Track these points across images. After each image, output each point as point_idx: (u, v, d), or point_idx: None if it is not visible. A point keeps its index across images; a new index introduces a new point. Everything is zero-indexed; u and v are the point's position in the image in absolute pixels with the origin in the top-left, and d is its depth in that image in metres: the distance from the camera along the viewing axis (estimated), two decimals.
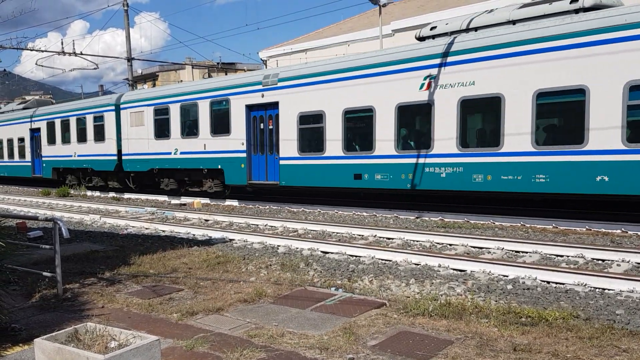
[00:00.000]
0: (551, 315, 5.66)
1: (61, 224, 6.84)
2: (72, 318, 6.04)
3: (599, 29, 11.17)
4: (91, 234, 12.83)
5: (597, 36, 11.18)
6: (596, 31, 11.21)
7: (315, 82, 16.40)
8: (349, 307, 6.25)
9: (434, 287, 7.15)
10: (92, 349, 3.98)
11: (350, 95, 15.51)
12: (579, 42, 11.45)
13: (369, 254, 9.36)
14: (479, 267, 8.11)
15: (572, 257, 8.78)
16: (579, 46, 11.44)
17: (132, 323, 5.86)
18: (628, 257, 8.45)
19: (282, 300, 6.67)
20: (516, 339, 5.07)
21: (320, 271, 8.32)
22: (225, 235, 12.02)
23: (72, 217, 16.60)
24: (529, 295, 6.71)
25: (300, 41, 34.02)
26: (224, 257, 9.29)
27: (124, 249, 10.42)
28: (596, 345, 4.85)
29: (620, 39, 10.92)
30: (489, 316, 5.75)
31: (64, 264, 7.87)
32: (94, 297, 6.99)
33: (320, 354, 4.84)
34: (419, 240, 10.67)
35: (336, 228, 12.36)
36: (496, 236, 10.77)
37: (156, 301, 6.75)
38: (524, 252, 9.30)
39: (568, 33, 11.58)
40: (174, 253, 9.79)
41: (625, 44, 10.86)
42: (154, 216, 16.36)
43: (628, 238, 10.41)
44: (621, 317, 5.70)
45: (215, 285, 7.48)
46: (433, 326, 5.52)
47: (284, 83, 17.16)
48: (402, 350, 4.90)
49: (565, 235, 10.94)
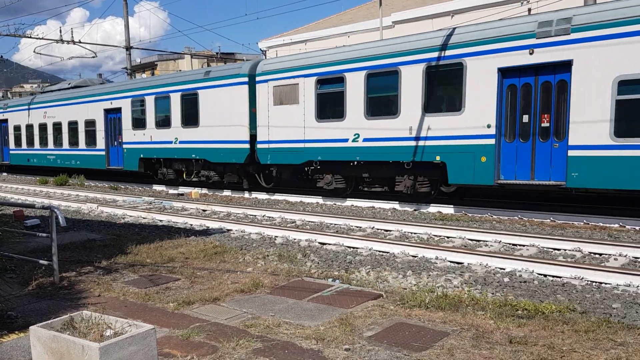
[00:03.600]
0: (547, 309, 5.66)
1: (58, 212, 6.82)
2: (68, 306, 6.03)
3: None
4: (88, 223, 12.81)
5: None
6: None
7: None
8: (346, 298, 6.24)
9: (430, 279, 7.15)
10: (87, 337, 3.97)
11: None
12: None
13: (366, 246, 9.36)
14: (476, 259, 8.11)
15: (569, 251, 8.78)
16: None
17: (128, 312, 5.85)
18: (625, 251, 8.46)
19: (279, 290, 6.67)
20: (512, 332, 5.07)
21: (318, 262, 8.31)
22: (222, 225, 12.01)
23: (69, 206, 16.58)
24: (526, 288, 6.71)
25: (300, 32, 33.86)
26: (221, 248, 9.28)
27: (121, 238, 10.40)
28: (592, 338, 4.85)
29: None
30: (486, 308, 5.75)
31: (61, 252, 7.87)
32: (90, 286, 6.98)
33: (317, 344, 4.84)
34: (417, 233, 10.67)
35: (334, 219, 12.36)
36: (494, 229, 10.77)
37: (153, 290, 6.74)
38: (522, 245, 9.31)
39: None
40: (171, 243, 9.78)
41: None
42: (151, 206, 16.33)
43: (626, 232, 10.42)
44: (617, 311, 5.71)
45: (212, 275, 7.47)
46: (429, 318, 5.52)
47: (583, 34, 11.35)
48: (398, 341, 4.90)
49: (562, 229, 10.94)
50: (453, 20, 22.27)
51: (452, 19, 22.85)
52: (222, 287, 6.79)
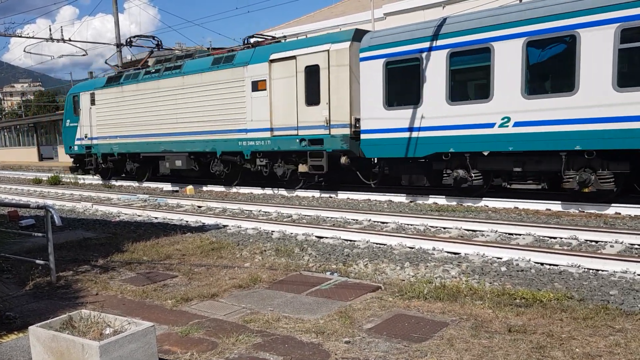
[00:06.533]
0: (545, 297, 5.68)
1: (53, 211, 6.78)
2: (66, 305, 6.01)
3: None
4: (83, 222, 12.76)
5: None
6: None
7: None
8: (345, 291, 6.25)
9: (428, 270, 7.16)
10: (87, 335, 3.95)
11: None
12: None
13: (363, 238, 9.37)
14: (473, 249, 8.13)
15: (565, 239, 8.82)
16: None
17: (127, 310, 5.84)
18: (621, 238, 8.49)
19: (277, 285, 6.66)
20: (511, 320, 5.09)
21: (315, 256, 8.31)
22: (218, 221, 11.99)
23: (64, 205, 16.51)
24: (523, 277, 6.74)
25: (292, 25, 33.73)
26: (217, 243, 9.26)
27: (116, 236, 10.37)
28: (590, 325, 4.88)
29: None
30: (484, 298, 5.76)
31: (57, 251, 7.83)
32: (87, 285, 6.96)
33: (317, 338, 4.84)
34: (413, 224, 10.68)
35: (330, 213, 12.35)
36: (490, 219, 10.80)
37: (150, 288, 6.72)
38: (518, 235, 9.33)
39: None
40: (167, 240, 9.75)
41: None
42: (146, 203, 16.28)
43: (621, 219, 10.46)
44: (615, 298, 5.73)
45: (210, 272, 7.46)
46: (428, 309, 5.54)
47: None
48: (398, 332, 4.91)
49: (558, 217, 10.98)
50: (444, 11, 22.24)
51: (443, 9, 22.82)
52: (220, 283, 6.78)
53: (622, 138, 10.64)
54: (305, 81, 15.71)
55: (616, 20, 10.61)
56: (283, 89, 16.37)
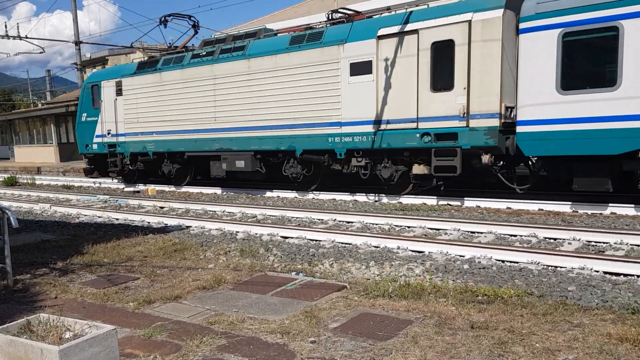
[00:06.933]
0: (506, 293, 5.80)
1: (10, 213, 6.58)
2: (24, 310, 5.83)
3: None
4: (42, 224, 12.42)
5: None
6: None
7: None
8: (310, 291, 6.24)
9: (393, 268, 7.23)
10: (46, 340, 3.85)
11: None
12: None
13: (329, 238, 9.38)
14: (437, 248, 8.23)
15: (525, 237, 9.01)
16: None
17: (87, 313, 5.71)
18: (579, 235, 8.73)
19: (242, 286, 6.62)
20: (473, 317, 5.18)
21: (281, 256, 8.29)
22: (181, 222, 11.83)
23: (21, 207, 16.05)
24: (485, 274, 6.86)
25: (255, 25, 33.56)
26: (180, 245, 9.14)
27: (76, 238, 10.13)
28: (550, 321, 5.00)
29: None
30: (447, 295, 5.85)
31: (14, 254, 7.59)
32: (46, 288, 6.77)
33: (282, 338, 4.83)
34: (378, 223, 10.76)
35: (295, 213, 12.34)
36: (452, 218, 10.96)
37: (111, 290, 6.59)
38: (480, 233, 9.50)
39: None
40: (129, 241, 9.58)
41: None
42: (106, 204, 15.94)
43: (578, 217, 10.76)
44: (573, 294, 5.89)
45: (173, 273, 7.36)
46: (393, 307, 5.58)
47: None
48: (363, 331, 4.93)
49: (518, 215, 11.22)
50: None
51: None
52: (183, 285, 6.69)
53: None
54: (432, 61, 12.69)
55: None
56: (397, 71, 13.29)
